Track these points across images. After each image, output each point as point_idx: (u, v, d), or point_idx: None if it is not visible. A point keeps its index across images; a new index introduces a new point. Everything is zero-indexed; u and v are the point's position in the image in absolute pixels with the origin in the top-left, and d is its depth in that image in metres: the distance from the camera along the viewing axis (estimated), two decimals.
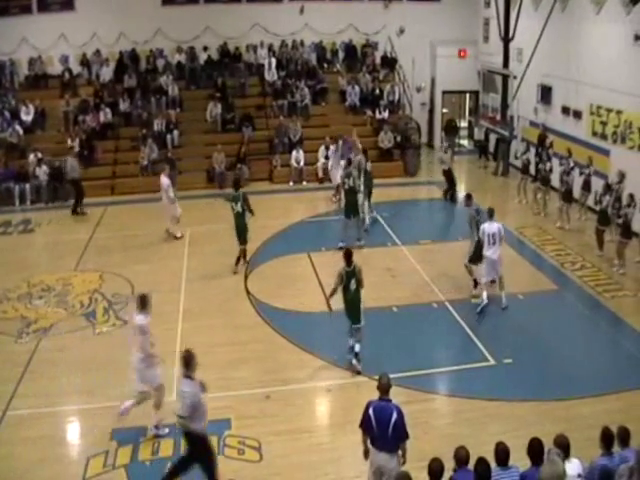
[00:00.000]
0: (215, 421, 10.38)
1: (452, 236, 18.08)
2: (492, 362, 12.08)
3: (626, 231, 15.43)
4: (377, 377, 8.36)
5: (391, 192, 21.78)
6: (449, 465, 7.13)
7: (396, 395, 11.02)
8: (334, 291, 11.85)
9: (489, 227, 13.73)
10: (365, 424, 7.99)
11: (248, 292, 14.92)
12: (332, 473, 9.35)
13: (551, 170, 19.52)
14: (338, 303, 12.01)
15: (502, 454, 7.06)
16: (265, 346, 12.76)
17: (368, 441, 8.11)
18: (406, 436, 7.89)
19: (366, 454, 8.19)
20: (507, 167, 24.30)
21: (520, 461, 7.11)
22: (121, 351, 12.49)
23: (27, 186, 21.87)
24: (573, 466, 6.96)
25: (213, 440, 9.92)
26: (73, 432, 10.68)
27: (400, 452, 8.00)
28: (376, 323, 13.38)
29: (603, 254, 16.43)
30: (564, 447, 7.01)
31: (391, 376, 11.21)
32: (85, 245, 18.02)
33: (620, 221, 15.63)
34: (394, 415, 7.78)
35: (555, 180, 19.37)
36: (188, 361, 8.60)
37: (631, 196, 15.51)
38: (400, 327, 13.49)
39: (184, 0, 26.62)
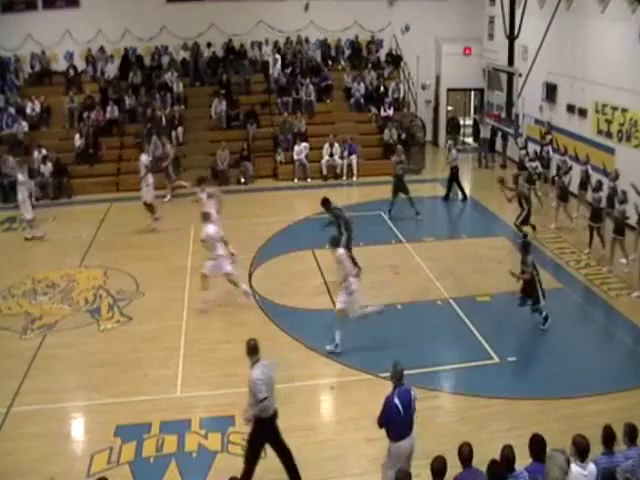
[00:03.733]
0: (219, 418, 10.46)
1: (456, 233, 18.11)
2: (496, 360, 12.06)
3: (619, 228, 15.36)
4: (390, 369, 8.39)
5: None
6: (453, 462, 7.13)
7: None
8: None
9: None
10: (391, 416, 8.08)
11: (253, 290, 14.91)
12: (336, 470, 9.35)
13: (548, 167, 19.55)
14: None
15: (509, 458, 6.95)
16: (269, 343, 12.58)
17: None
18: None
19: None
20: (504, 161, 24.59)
21: (525, 459, 7.11)
22: (125, 347, 12.61)
23: (32, 183, 21.84)
24: (587, 472, 6.85)
25: (217, 437, 9.99)
26: (77, 428, 10.69)
27: None
28: (380, 320, 13.38)
29: (590, 251, 16.55)
30: (582, 448, 6.86)
31: None
32: (89, 242, 18.02)
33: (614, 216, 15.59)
34: (412, 391, 8.25)
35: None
36: (256, 348, 8.68)
37: (623, 192, 15.52)
38: (404, 324, 13.46)
39: None
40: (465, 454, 7.07)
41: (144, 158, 19.10)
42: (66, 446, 10.09)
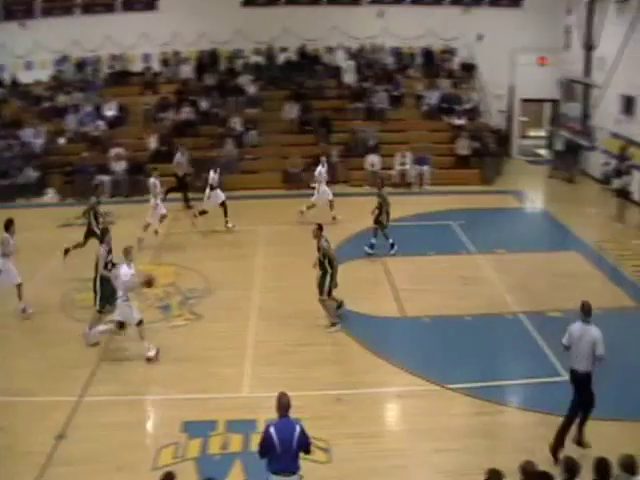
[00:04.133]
0: None
1: (528, 247, 17.79)
2: (565, 377, 11.75)
3: None
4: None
5: (467, 200, 21.56)
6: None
7: (467, 405, 11.08)
8: None
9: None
10: (266, 446, 7.69)
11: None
12: None
13: (629, 183, 19.09)
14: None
15: (571, 468, 6.90)
16: (337, 349, 12.77)
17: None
18: (310, 445, 7.82)
19: None
20: (574, 174, 24.10)
21: None
22: (194, 345, 12.77)
23: (106, 179, 22.43)
24: None
25: None
26: (145, 421, 10.91)
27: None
28: (448, 331, 13.32)
29: None
30: (630, 466, 6.87)
31: (462, 386, 11.29)
32: (162, 239, 18.34)
33: None
34: (297, 428, 7.64)
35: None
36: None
37: None
38: (473, 336, 13.29)
39: (264, 1, 26.94)
40: (528, 471, 6.95)
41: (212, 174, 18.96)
42: (134, 438, 10.24)
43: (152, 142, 23.70)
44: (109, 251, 13.15)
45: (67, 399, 10.98)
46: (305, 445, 7.75)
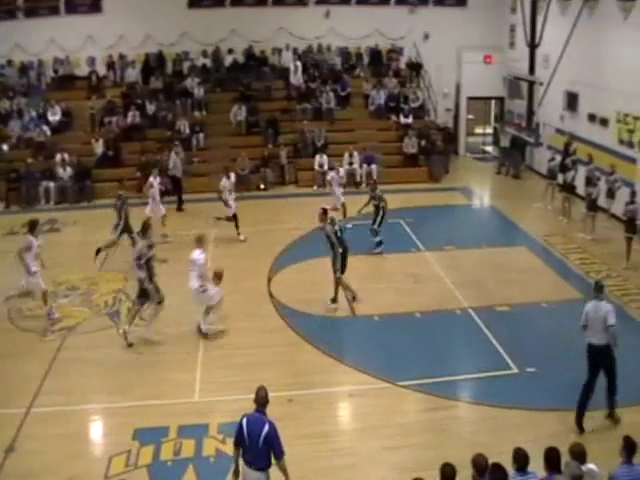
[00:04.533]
0: (236, 423, 10.43)
1: (477, 243, 18.01)
2: (515, 370, 12.00)
3: None
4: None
5: (415, 198, 21.76)
6: (468, 473, 7.12)
7: (418, 402, 11.17)
8: None
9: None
10: (237, 436, 7.81)
11: (272, 295, 14.92)
12: (352, 479, 9.33)
13: (574, 178, 19.47)
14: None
15: (521, 459, 7.02)
16: (289, 349, 12.76)
17: (240, 458, 7.89)
18: (281, 453, 7.70)
19: (236, 474, 7.95)
20: (520, 170, 24.82)
21: (543, 471, 7.07)
22: (144, 351, 12.64)
23: (52, 185, 22.06)
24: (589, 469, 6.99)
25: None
26: (96, 430, 10.74)
27: (282, 473, 7.81)
28: (399, 329, 13.43)
29: (629, 265, 16.28)
30: (580, 455, 7.01)
31: (413, 382, 11.39)
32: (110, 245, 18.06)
33: None
34: (265, 427, 7.59)
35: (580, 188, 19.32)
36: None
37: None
38: (423, 333, 13.45)
39: (210, 3, 26.77)
40: (481, 465, 7.01)
41: (225, 181, 18.60)
42: (84, 448, 10.14)
43: (98, 147, 23.40)
44: (150, 246, 13.23)
45: (15, 411, 10.76)
46: (273, 448, 7.64)
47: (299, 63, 26.44)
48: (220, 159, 23.70)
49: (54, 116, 24.23)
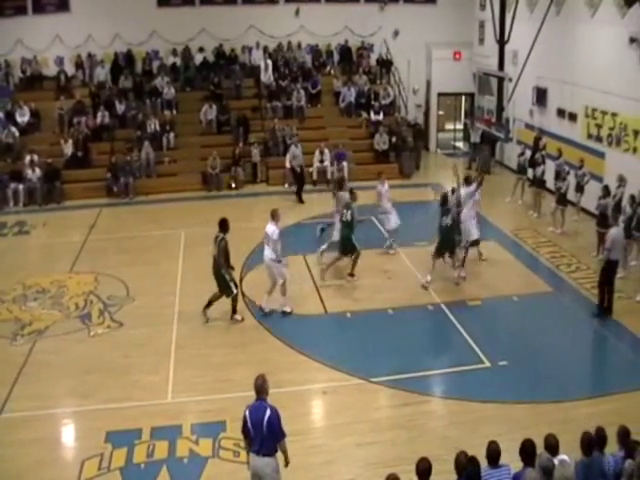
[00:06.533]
0: (210, 423, 10.43)
1: None
2: (487, 364, 12.07)
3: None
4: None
5: None
6: (440, 467, 7.16)
7: (390, 397, 11.22)
8: None
9: None
10: (243, 427, 7.92)
11: (243, 294, 14.89)
12: (327, 476, 9.32)
13: (544, 172, 19.65)
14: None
15: (493, 453, 7.08)
16: (260, 348, 12.74)
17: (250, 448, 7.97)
18: (282, 435, 7.81)
19: (249, 464, 8.05)
20: (490, 166, 25.06)
21: (515, 463, 7.12)
22: (116, 353, 12.56)
23: (20, 187, 21.81)
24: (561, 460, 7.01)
25: (208, 442, 9.96)
26: (68, 435, 10.64)
27: (283, 454, 7.94)
28: (372, 325, 13.45)
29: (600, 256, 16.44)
30: (553, 447, 7.05)
31: (386, 378, 11.44)
32: (80, 247, 17.94)
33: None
34: (267, 412, 7.68)
35: (550, 182, 19.49)
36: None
37: (632, 197, 15.44)
38: (396, 329, 13.48)
39: (180, 1, 26.59)
40: (462, 463, 7.04)
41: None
42: (57, 453, 10.04)
43: (67, 148, 23.15)
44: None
45: None
46: (274, 431, 7.69)
47: (269, 61, 26.35)
48: (190, 158, 23.70)
49: (22, 117, 23.92)
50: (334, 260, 15.56)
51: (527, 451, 7.01)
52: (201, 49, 26.76)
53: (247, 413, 7.81)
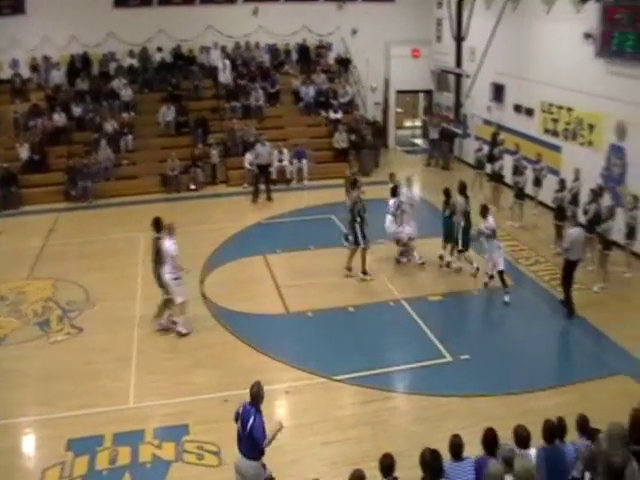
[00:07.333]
0: (172, 427, 10.36)
1: None
2: (449, 359, 12.17)
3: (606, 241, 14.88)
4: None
5: None
6: (405, 463, 7.18)
7: (354, 395, 11.23)
8: None
9: None
10: (235, 419, 8.15)
11: (204, 296, 14.80)
12: (294, 475, 9.30)
13: (502, 167, 19.85)
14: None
15: (456, 447, 7.10)
16: (222, 350, 12.67)
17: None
18: (263, 443, 7.89)
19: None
20: (449, 162, 25.34)
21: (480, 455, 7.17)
22: (76, 360, 12.39)
23: None
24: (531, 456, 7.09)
25: (171, 446, 9.87)
26: (28, 444, 10.45)
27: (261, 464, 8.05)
28: (333, 324, 13.48)
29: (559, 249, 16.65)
30: (523, 438, 7.08)
31: (348, 376, 11.47)
32: (38, 253, 17.66)
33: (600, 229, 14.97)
34: (251, 420, 7.83)
35: (508, 177, 19.69)
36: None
37: (593, 192, 15.51)
38: (357, 327, 13.55)
39: (137, 2, 26.30)
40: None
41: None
42: (17, 463, 9.85)
43: (24, 152, 22.77)
44: None
45: None
46: (254, 439, 7.81)
47: (227, 61, 26.21)
48: (149, 160, 23.49)
49: None
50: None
51: (489, 441, 7.07)
52: (159, 49, 26.50)
53: (240, 410, 8.00)
